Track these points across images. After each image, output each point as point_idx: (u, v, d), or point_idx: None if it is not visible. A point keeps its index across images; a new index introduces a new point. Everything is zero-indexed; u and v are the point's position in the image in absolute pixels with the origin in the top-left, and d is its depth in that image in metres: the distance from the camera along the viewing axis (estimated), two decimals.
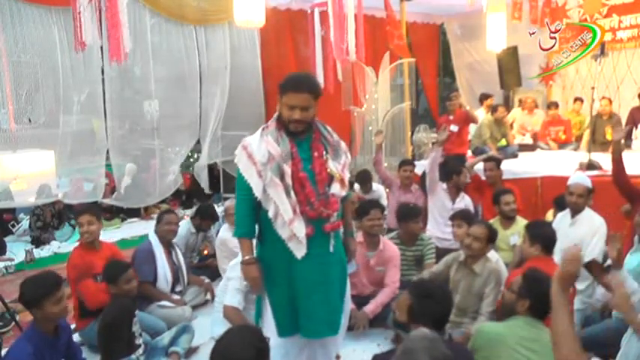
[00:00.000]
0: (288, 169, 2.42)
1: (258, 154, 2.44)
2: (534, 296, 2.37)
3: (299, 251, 2.44)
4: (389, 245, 3.92)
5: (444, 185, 4.98)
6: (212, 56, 7.82)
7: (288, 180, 2.42)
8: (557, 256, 3.48)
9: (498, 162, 5.34)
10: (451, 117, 6.27)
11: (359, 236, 3.78)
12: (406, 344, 1.61)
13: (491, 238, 3.44)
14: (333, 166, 2.51)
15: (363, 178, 5.88)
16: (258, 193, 2.44)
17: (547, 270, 2.61)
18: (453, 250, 4.04)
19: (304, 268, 2.47)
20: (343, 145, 2.65)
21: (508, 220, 4.40)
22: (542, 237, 3.17)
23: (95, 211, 3.81)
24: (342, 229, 2.71)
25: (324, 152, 2.52)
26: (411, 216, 4.12)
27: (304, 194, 2.44)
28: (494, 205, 4.52)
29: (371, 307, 3.68)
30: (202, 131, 7.91)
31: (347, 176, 2.60)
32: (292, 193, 2.43)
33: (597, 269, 3.11)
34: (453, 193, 4.95)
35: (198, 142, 7.91)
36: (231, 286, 3.34)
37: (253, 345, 1.80)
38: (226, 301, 3.32)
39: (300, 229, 2.41)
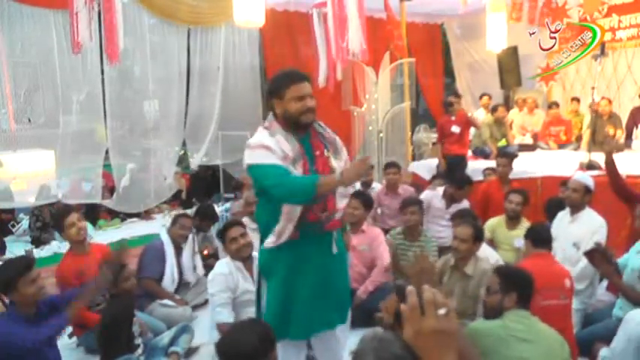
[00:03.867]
0: (300, 171, 2.32)
1: (277, 149, 2.29)
2: (519, 286, 2.42)
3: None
4: (371, 227, 4.13)
5: (440, 192, 4.98)
6: (211, 57, 7.84)
7: None
8: (557, 256, 3.49)
9: (512, 158, 5.35)
10: (453, 117, 6.25)
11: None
12: (358, 346, 1.60)
13: (477, 237, 3.40)
14: (335, 164, 2.43)
15: None
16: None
17: (546, 265, 2.64)
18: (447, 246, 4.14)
19: (307, 269, 2.42)
20: (338, 140, 2.57)
21: (512, 220, 4.38)
22: (534, 232, 3.21)
23: (78, 210, 3.77)
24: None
25: (325, 150, 2.45)
26: (407, 205, 4.21)
27: None
28: (504, 200, 4.51)
29: (362, 289, 3.79)
30: (199, 131, 7.95)
31: None
32: None
33: (599, 259, 3.09)
34: (448, 199, 4.95)
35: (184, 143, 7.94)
36: (216, 303, 3.21)
37: (256, 337, 1.85)
38: (216, 319, 3.20)
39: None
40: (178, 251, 4.18)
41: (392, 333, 1.77)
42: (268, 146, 2.29)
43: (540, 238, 3.15)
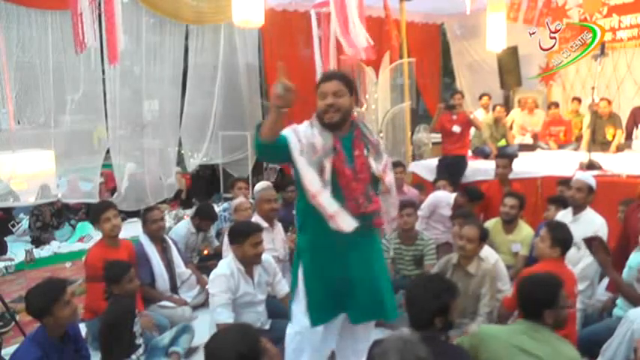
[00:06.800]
0: (328, 166, 2.39)
1: (304, 137, 2.39)
2: (522, 300, 2.35)
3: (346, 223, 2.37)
4: None
5: (450, 199, 4.91)
6: (210, 57, 7.84)
7: (327, 176, 2.38)
8: None
9: (512, 159, 5.34)
10: (454, 117, 6.22)
11: None
12: (383, 345, 1.61)
13: (483, 237, 3.43)
14: (374, 165, 2.48)
15: None
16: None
17: (559, 272, 2.62)
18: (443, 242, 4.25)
19: (352, 258, 2.45)
20: (382, 144, 2.63)
21: (508, 223, 4.36)
22: (565, 242, 3.10)
23: (115, 206, 3.86)
24: None
25: (366, 151, 2.49)
26: (402, 207, 4.03)
27: (349, 190, 2.41)
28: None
29: None
30: (197, 131, 7.94)
31: (390, 176, 2.56)
32: (329, 189, 2.39)
33: (597, 246, 3.07)
34: (457, 209, 4.91)
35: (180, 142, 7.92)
36: (216, 303, 3.18)
37: (236, 349, 1.78)
38: (216, 320, 3.16)
39: (331, 204, 2.36)
40: (162, 247, 4.12)
41: (417, 336, 1.77)
42: (296, 129, 2.41)
43: (563, 239, 3.08)
